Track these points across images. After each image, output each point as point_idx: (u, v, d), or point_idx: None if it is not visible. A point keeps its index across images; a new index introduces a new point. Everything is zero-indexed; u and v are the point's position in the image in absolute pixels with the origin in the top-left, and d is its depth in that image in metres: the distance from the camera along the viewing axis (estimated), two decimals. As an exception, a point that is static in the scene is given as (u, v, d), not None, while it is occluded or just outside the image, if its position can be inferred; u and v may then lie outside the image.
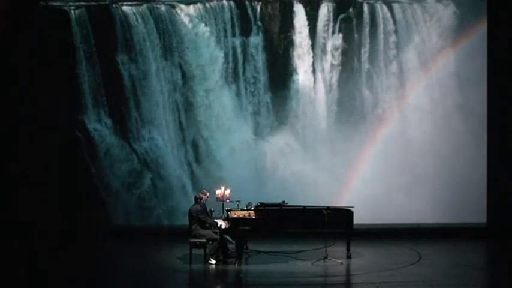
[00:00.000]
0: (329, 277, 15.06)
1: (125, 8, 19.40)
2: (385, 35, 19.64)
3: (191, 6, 19.52)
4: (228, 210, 16.34)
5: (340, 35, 19.64)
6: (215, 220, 16.05)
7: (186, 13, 19.50)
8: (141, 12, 19.44)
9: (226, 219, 16.07)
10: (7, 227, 18.39)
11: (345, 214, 16.22)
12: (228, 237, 16.02)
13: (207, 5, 19.52)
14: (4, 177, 18.85)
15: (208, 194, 16.16)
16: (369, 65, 19.67)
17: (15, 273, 15.21)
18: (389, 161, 19.43)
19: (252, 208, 16.21)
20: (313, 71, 19.68)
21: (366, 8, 19.63)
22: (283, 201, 16.39)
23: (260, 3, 19.57)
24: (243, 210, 16.25)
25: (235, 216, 15.97)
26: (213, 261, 15.74)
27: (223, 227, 15.86)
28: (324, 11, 19.62)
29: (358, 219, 16.37)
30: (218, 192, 16.32)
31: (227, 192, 16.35)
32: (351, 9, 19.63)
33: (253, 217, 15.96)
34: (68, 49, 19.31)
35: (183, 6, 19.51)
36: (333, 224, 15.82)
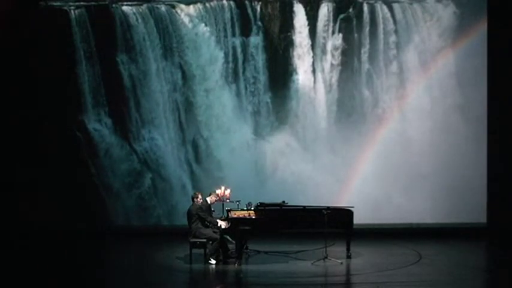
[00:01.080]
0: (329, 277, 15.06)
1: (125, 8, 19.40)
2: (385, 35, 19.64)
3: (191, 6, 19.52)
4: (228, 210, 16.34)
5: (340, 35, 19.64)
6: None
7: (186, 13, 19.50)
8: (141, 12, 19.44)
9: (226, 219, 16.07)
10: (7, 227, 18.39)
11: (345, 214, 16.21)
12: (228, 237, 16.03)
13: (207, 5, 19.52)
14: (4, 177, 18.86)
15: (214, 197, 16.17)
16: (369, 65, 19.67)
17: (15, 273, 15.21)
18: (389, 161, 19.43)
19: (252, 208, 16.21)
20: (313, 71, 19.68)
21: (366, 8, 19.63)
22: (283, 201, 16.39)
23: (260, 3, 19.57)
24: (243, 210, 16.25)
25: (235, 216, 15.97)
26: (213, 261, 15.73)
27: (223, 227, 15.86)
28: (324, 11, 19.62)
29: (358, 219, 16.36)
30: (218, 192, 16.31)
31: (227, 192, 16.34)
32: (351, 9, 19.63)
33: (253, 217, 15.96)
34: (68, 49, 19.32)
35: (183, 6, 19.51)
36: (332, 224, 15.82)
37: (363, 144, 19.50)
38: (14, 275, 15.00)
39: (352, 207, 16.27)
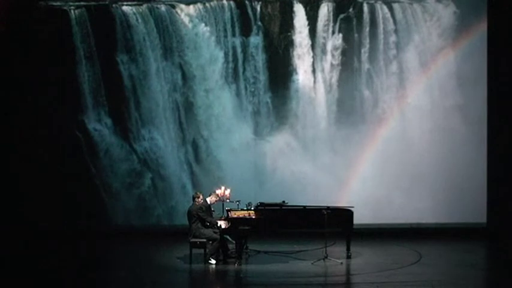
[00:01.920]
0: (329, 277, 15.06)
1: (125, 8, 19.40)
2: (385, 35, 19.64)
3: (191, 6, 19.52)
4: (228, 210, 16.34)
5: (340, 35, 19.64)
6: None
7: (186, 13, 19.50)
8: (141, 12, 19.44)
9: (226, 219, 16.07)
10: (7, 227, 18.38)
11: (345, 214, 16.22)
12: (228, 237, 16.03)
13: (207, 5, 19.52)
14: (4, 177, 18.86)
15: (214, 197, 16.17)
16: (369, 65, 19.68)
17: (15, 273, 15.21)
18: (389, 161, 19.43)
19: (252, 208, 16.22)
20: (313, 71, 19.69)
21: (366, 8, 19.63)
22: (283, 201, 16.39)
23: (260, 3, 19.57)
24: (243, 210, 16.25)
25: (235, 216, 15.97)
26: (213, 261, 15.74)
27: (223, 227, 15.86)
28: (324, 11, 19.62)
29: (358, 219, 16.37)
30: (218, 192, 16.31)
31: (227, 192, 16.35)
32: (351, 9, 19.63)
33: (253, 217, 15.97)
34: (68, 49, 19.31)
35: (183, 6, 19.51)
36: (332, 224, 15.83)
37: (363, 144, 19.50)
38: (14, 275, 15.00)
39: (352, 207, 16.28)
